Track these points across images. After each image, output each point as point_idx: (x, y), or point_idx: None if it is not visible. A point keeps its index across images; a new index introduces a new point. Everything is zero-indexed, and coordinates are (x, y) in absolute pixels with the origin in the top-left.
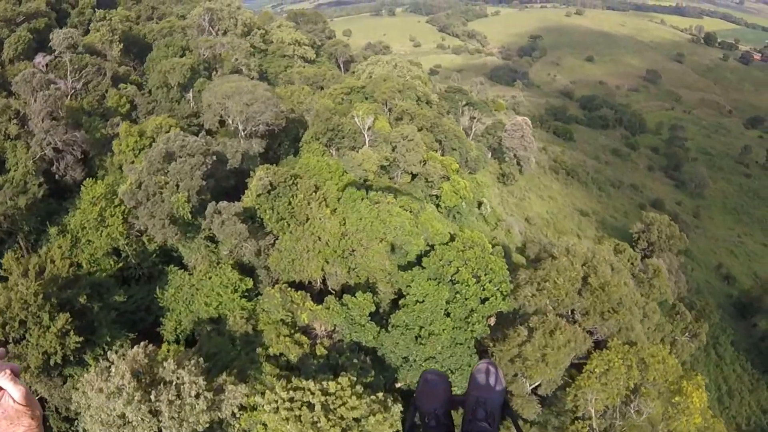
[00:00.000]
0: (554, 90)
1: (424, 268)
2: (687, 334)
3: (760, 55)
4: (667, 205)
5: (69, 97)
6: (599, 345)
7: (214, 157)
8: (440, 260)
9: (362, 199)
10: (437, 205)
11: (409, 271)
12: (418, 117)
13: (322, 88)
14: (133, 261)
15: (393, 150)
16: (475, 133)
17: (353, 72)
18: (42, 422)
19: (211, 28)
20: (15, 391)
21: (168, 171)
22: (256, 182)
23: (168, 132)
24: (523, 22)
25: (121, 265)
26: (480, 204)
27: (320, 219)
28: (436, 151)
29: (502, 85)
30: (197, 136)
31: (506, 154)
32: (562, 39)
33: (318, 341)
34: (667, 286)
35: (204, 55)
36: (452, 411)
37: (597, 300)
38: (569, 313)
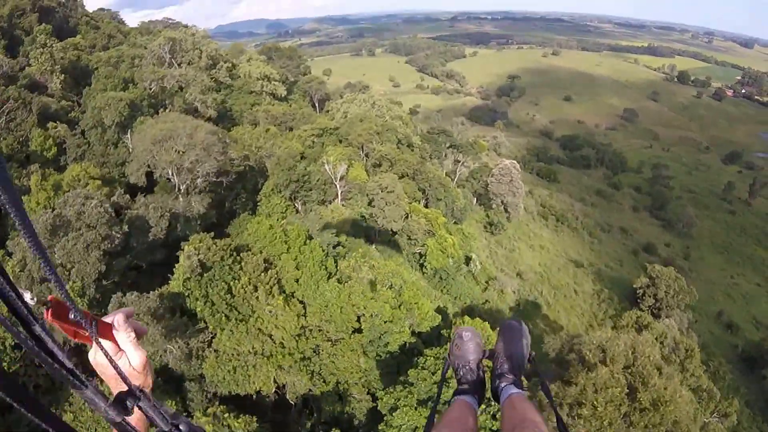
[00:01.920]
0: (534, 129)
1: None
2: (716, 414)
3: (732, 91)
4: (660, 250)
5: None
6: None
7: (126, 228)
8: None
9: (329, 277)
10: (421, 265)
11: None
12: (399, 163)
13: (291, 129)
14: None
15: (370, 204)
16: (460, 178)
17: (327, 111)
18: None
19: (172, 60)
20: (135, 356)
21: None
22: (183, 261)
23: (86, 186)
24: (501, 62)
25: None
26: (468, 260)
27: (271, 311)
28: (420, 201)
29: (482, 125)
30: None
31: (493, 201)
32: (540, 79)
33: None
34: (701, 367)
35: (151, 89)
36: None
37: (649, 423)
38: None
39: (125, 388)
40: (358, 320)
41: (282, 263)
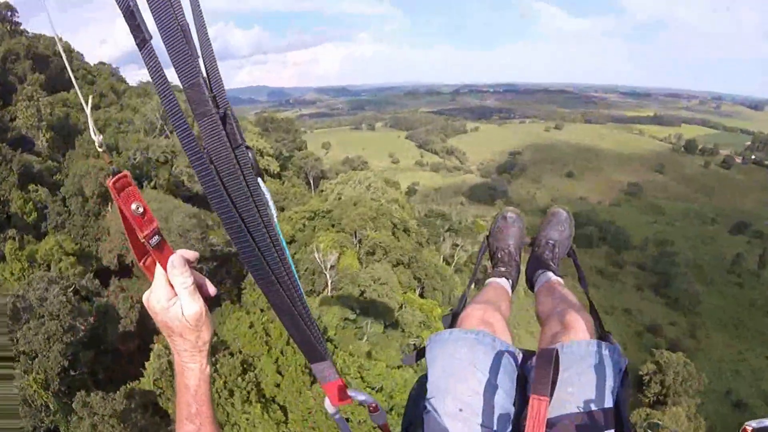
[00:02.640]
0: (535, 208)
1: None
2: None
3: (741, 157)
4: (665, 330)
5: None
6: None
7: (91, 320)
8: None
9: (312, 382)
10: (417, 355)
11: None
12: (394, 251)
13: (282, 210)
14: None
15: (362, 295)
16: (458, 262)
17: (321, 191)
18: (209, 351)
19: (164, 126)
20: (188, 305)
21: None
22: (153, 360)
23: (60, 262)
24: (503, 137)
25: None
26: None
27: (248, 419)
28: (415, 290)
29: (481, 204)
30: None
31: None
32: (541, 155)
33: None
34: None
35: (134, 159)
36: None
37: None
38: None
39: (173, 340)
40: None
41: (261, 366)
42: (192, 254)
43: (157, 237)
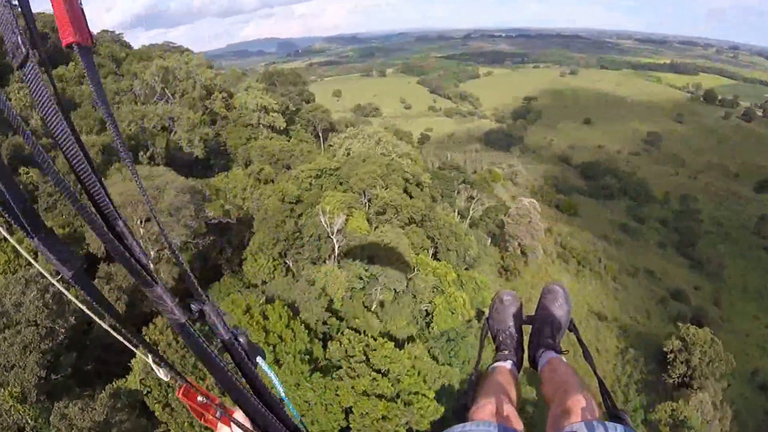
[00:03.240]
0: (552, 155)
1: None
2: None
3: (762, 110)
4: (690, 296)
5: None
6: None
7: (72, 320)
8: None
9: (312, 372)
10: (428, 324)
11: None
12: (406, 209)
13: (289, 167)
14: None
15: (370, 261)
16: (474, 216)
17: (330, 145)
18: None
19: (164, 90)
20: None
21: None
22: (139, 358)
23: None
24: (517, 82)
25: None
26: (481, 314)
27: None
28: (428, 250)
29: (497, 150)
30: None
31: (509, 243)
32: (557, 101)
33: None
34: None
35: (130, 129)
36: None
37: None
38: None
39: None
40: (346, 417)
41: None
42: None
43: (220, 411)
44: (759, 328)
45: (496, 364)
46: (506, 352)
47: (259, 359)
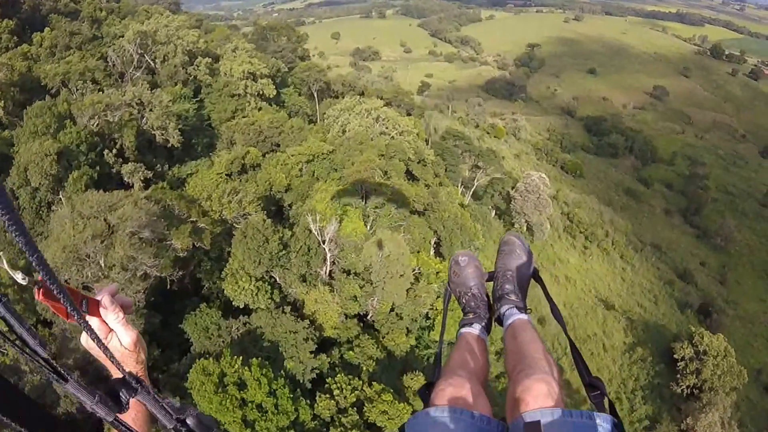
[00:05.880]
0: (555, 106)
1: None
2: None
3: None
4: (696, 276)
5: None
6: None
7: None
8: None
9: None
10: (429, 328)
11: None
12: (407, 200)
13: (278, 146)
14: None
15: (366, 272)
16: (478, 187)
17: (324, 117)
18: (147, 366)
19: (143, 57)
20: (125, 336)
21: None
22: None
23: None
24: (520, 28)
25: None
26: None
27: None
28: (430, 242)
29: (499, 99)
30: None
31: (515, 219)
32: (561, 48)
33: None
34: None
35: (92, 126)
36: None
37: None
38: None
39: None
40: None
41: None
42: (113, 288)
43: (84, 300)
44: (765, 312)
45: (462, 330)
46: (471, 315)
47: None
